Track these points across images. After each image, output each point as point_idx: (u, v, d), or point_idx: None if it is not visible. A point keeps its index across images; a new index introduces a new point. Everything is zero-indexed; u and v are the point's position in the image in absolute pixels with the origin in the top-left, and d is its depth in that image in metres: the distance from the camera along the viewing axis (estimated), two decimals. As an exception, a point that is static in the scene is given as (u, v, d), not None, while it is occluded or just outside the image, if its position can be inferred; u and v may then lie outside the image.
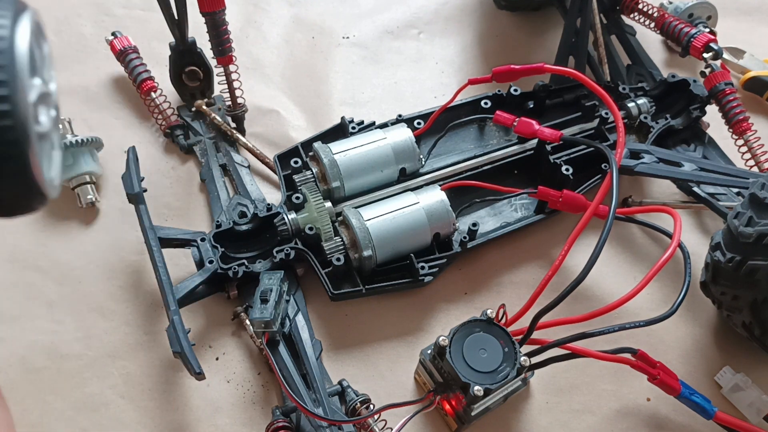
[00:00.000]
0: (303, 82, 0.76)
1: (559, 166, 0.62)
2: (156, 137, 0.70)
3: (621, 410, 0.56)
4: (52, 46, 0.29)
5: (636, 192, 0.68)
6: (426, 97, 0.76)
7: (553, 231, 0.65)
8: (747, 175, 0.61)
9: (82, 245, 0.63)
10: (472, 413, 0.51)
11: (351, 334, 0.59)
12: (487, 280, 0.63)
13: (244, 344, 0.58)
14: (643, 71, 0.73)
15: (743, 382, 0.56)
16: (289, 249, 0.58)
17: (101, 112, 0.71)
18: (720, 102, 0.67)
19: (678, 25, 0.70)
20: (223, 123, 0.68)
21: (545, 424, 0.56)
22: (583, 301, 0.61)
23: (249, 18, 0.80)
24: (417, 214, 0.57)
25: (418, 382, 0.57)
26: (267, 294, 0.52)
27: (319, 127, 0.70)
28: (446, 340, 0.49)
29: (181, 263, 0.61)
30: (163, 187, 0.67)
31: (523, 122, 0.62)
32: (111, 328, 0.58)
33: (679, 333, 0.60)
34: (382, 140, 0.61)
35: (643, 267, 0.64)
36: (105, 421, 0.54)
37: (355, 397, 0.54)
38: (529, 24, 0.82)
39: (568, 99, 0.70)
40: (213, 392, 0.56)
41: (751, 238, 0.48)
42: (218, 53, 0.64)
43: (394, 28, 0.81)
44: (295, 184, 0.60)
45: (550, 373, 0.55)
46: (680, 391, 0.49)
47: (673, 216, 0.54)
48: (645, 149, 0.63)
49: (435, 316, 0.61)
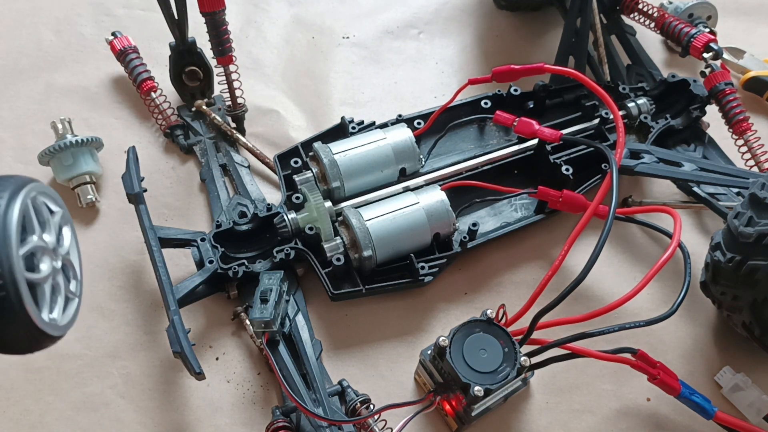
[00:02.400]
0: (303, 82, 0.76)
1: (559, 166, 0.62)
2: (156, 137, 0.70)
3: (621, 410, 0.56)
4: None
5: (636, 192, 0.68)
6: (426, 97, 0.76)
7: (553, 231, 0.65)
8: (747, 175, 0.61)
9: (82, 245, 0.61)
10: (472, 413, 0.51)
11: (351, 334, 0.59)
12: (487, 280, 0.63)
13: (244, 344, 0.58)
14: (643, 71, 0.73)
15: (743, 382, 0.56)
16: (289, 249, 0.58)
17: (101, 112, 0.71)
18: (720, 102, 0.67)
19: (678, 25, 0.70)
20: (223, 123, 0.68)
21: (545, 424, 0.56)
22: (583, 301, 0.61)
23: (249, 18, 0.80)
24: (417, 214, 0.57)
25: (418, 382, 0.57)
26: (267, 294, 0.52)
27: (319, 127, 0.70)
28: (446, 341, 0.49)
29: (181, 263, 0.61)
30: (163, 187, 0.67)
31: (523, 122, 0.62)
32: (111, 328, 0.58)
33: (679, 333, 0.60)
34: (382, 140, 0.61)
35: (643, 267, 0.64)
36: (105, 421, 0.54)
37: (355, 397, 0.54)
38: (529, 24, 0.82)
39: (568, 99, 0.70)
40: (213, 392, 0.56)
41: (751, 238, 0.48)
42: (218, 53, 0.64)
43: (394, 28, 0.81)
44: (295, 184, 0.60)
45: (550, 373, 0.55)
46: (680, 391, 0.49)
47: (673, 216, 0.54)
48: (645, 149, 0.63)
49: (435, 316, 0.61)
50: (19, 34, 0.76)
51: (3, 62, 0.74)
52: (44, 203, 0.33)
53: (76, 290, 0.35)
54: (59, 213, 0.34)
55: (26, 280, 0.29)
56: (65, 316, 0.33)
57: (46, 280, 0.31)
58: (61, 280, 0.33)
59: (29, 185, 0.32)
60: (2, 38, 0.76)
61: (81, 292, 0.36)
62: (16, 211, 0.29)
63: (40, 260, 0.31)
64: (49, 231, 0.33)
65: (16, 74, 0.73)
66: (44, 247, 0.32)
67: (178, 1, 0.61)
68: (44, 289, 0.31)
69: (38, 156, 0.63)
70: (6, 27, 0.77)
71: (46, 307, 0.31)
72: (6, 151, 0.68)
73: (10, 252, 0.28)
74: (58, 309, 0.33)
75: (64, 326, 0.33)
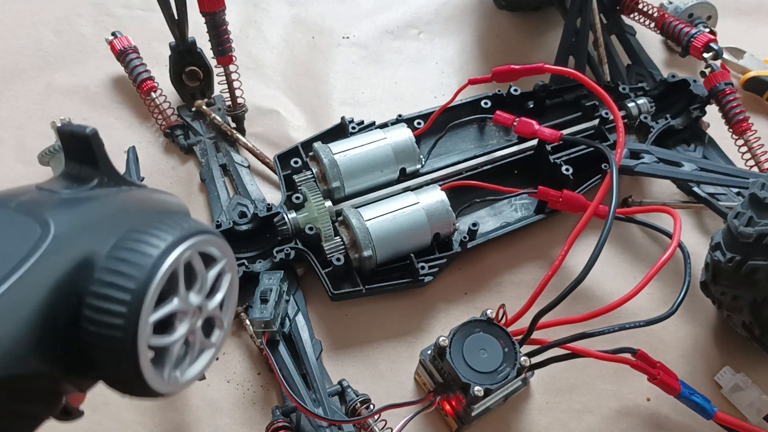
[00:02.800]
0: (303, 82, 0.76)
1: (559, 166, 0.62)
2: (156, 137, 0.70)
3: (621, 410, 0.56)
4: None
5: (636, 192, 0.68)
6: (426, 97, 0.76)
7: (553, 231, 0.65)
8: (747, 175, 0.61)
9: None
10: (472, 413, 0.51)
11: (351, 334, 0.59)
12: (487, 280, 0.63)
13: (244, 344, 0.58)
14: (643, 71, 0.73)
15: (743, 382, 0.56)
16: (289, 249, 0.58)
17: (101, 112, 0.71)
18: (720, 102, 0.67)
19: (678, 25, 0.70)
20: (223, 123, 0.68)
21: (545, 424, 0.56)
22: (583, 301, 0.61)
23: (249, 18, 0.80)
24: (417, 214, 0.57)
25: (418, 382, 0.57)
26: (267, 294, 0.52)
27: (319, 127, 0.70)
28: (446, 341, 0.49)
29: (181, 263, 0.61)
30: (163, 187, 0.66)
31: (523, 122, 0.62)
32: (111, 328, 0.58)
33: (679, 333, 0.60)
34: (382, 140, 0.61)
35: (643, 267, 0.64)
36: (105, 421, 0.54)
37: (355, 397, 0.54)
38: (529, 24, 0.82)
39: (568, 99, 0.70)
40: (213, 392, 0.56)
41: (751, 238, 0.48)
42: (218, 53, 0.64)
43: (394, 28, 0.81)
44: (295, 184, 0.60)
45: (550, 373, 0.55)
46: (680, 391, 0.49)
47: (673, 216, 0.54)
48: (645, 149, 0.63)
49: (435, 316, 0.61)
50: (19, 34, 0.76)
51: (3, 62, 0.74)
52: (204, 253, 0.29)
53: (217, 341, 0.31)
54: (221, 264, 0.30)
55: (150, 346, 0.26)
56: (191, 370, 0.29)
57: (176, 343, 0.28)
58: (198, 336, 0.29)
59: (196, 237, 0.28)
60: (2, 38, 0.76)
61: (223, 340, 0.31)
62: (162, 270, 0.26)
63: (179, 322, 0.28)
64: (199, 288, 0.29)
65: (16, 74, 0.73)
66: (185, 310, 0.28)
67: (178, 1, 0.61)
68: (172, 350, 0.28)
69: (38, 156, 0.63)
70: (6, 27, 0.77)
71: (169, 366, 0.28)
72: (6, 151, 0.68)
73: (138, 319, 0.25)
74: (184, 365, 0.29)
75: (185, 382, 0.29)
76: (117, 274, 0.25)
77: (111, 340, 0.25)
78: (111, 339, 0.25)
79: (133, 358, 0.25)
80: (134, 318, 0.25)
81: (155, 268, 0.25)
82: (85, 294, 0.25)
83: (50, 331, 0.24)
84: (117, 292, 0.25)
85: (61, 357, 0.25)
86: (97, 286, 0.25)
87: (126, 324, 0.25)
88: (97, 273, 0.25)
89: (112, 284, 0.25)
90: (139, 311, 0.25)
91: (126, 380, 0.27)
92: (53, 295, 0.24)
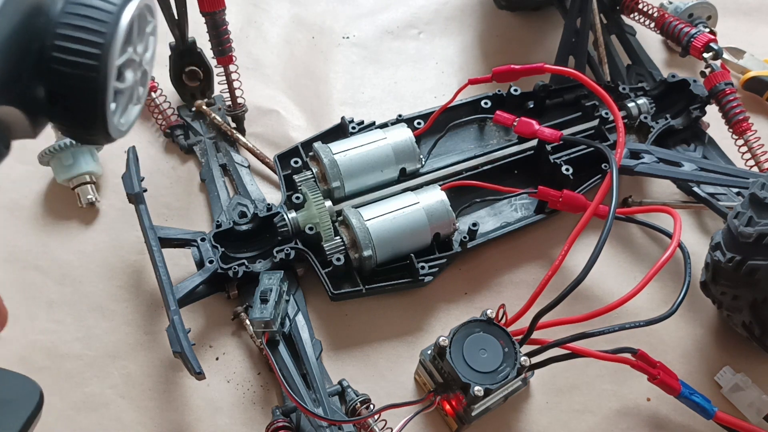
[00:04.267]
0: (303, 82, 0.76)
1: (559, 166, 0.62)
2: (156, 137, 0.70)
3: (621, 410, 0.56)
4: None
5: (636, 192, 0.68)
6: (426, 97, 0.76)
7: (553, 231, 0.65)
8: (747, 175, 0.61)
9: (82, 245, 0.63)
10: (472, 413, 0.51)
11: (351, 334, 0.59)
12: (487, 280, 0.63)
13: (244, 344, 0.58)
14: (643, 71, 0.73)
15: (743, 382, 0.56)
16: (289, 249, 0.58)
17: (101, 112, 0.71)
18: (720, 102, 0.67)
19: (678, 25, 0.70)
20: (223, 123, 0.68)
21: (545, 424, 0.56)
22: (583, 301, 0.61)
23: (249, 18, 0.80)
24: (417, 214, 0.57)
25: (418, 382, 0.57)
26: (267, 294, 0.52)
27: (319, 127, 0.70)
28: (446, 341, 0.49)
29: (181, 263, 0.61)
30: (163, 187, 0.67)
31: (523, 122, 0.62)
32: (111, 328, 0.58)
33: (679, 333, 0.60)
34: (382, 140, 0.61)
35: (643, 267, 0.64)
36: (105, 421, 0.54)
37: (355, 397, 0.54)
38: (529, 24, 0.82)
39: (568, 99, 0.70)
40: (213, 392, 0.56)
41: (751, 238, 0.48)
42: (218, 53, 0.64)
43: (394, 28, 0.81)
44: (295, 184, 0.60)
45: (550, 373, 0.55)
46: (680, 391, 0.49)
47: (673, 216, 0.54)
48: (645, 149, 0.63)
49: (435, 316, 0.61)
50: (19, 34, 0.76)
51: (3, 62, 0.74)
52: (148, 11, 0.32)
53: (143, 96, 0.35)
54: (152, 24, 0.33)
55: (113, 89, 0.29)
56: (127, 120, 0.33)
57: (130, 89, 0.31)
58: (138, 89, 0.33)
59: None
60: (2, 38, 0.76)
61: (145, 96, 0.35)
62: (127, 19, 0.28)
63: (127, 70, 0.31)
64: (143, 43, 0.32)
65: (16, 74, 0.73)
66: (135, 60, 0.31)
67: (178, 1, 0.61)
68: (125, 95, 0.31)
69: (38, 156, 0.63)
70: (6, 27, 0.77)
71: (119, 113, 0.31)
72: (6, 151, 0.68)
73: (109, 59, 0.28)
74: (125, 117, 0.33)
75: (124, 131, 0.33)
76: (88, 18, 0.27)
77: (83, 80, 0.28)
78: (83, 78, 0.27)
79: (101, 97, 0.28)
80: (106, 57, 0.27)
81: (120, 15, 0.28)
82: (53, 36, 0.27)
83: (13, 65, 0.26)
84: (89, 34, 0.27)
85: (20, 97, 0.27)
86: (68, 29, 0.27)
87: (99, 64, 0.27)
88: (66, 18, 0.27)
89: (83, 27, 0.27)
90: (110, 50, 0.28)
91: (87, 119, 0.29)
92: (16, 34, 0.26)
